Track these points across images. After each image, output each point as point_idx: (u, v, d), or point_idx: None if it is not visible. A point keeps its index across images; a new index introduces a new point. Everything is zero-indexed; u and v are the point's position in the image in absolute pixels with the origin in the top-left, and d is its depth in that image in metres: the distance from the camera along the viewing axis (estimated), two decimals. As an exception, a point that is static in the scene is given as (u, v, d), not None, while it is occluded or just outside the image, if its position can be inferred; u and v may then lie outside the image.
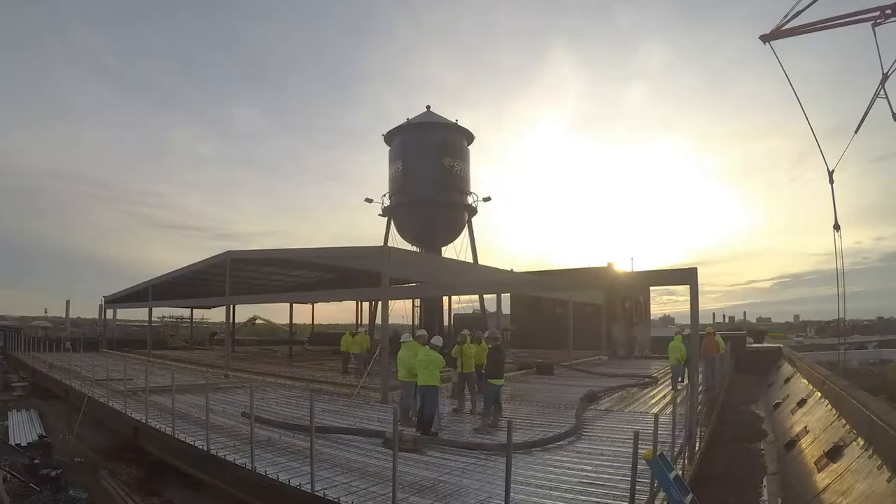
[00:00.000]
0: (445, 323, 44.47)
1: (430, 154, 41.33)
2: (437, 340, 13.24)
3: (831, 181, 47.29)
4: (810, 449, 11.42)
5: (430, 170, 41.09)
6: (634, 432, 6.03)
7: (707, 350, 18.36)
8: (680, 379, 19.19)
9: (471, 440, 11.45)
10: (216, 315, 57.03)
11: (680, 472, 7.61)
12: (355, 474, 8.78)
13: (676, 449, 8.97)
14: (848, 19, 43.21)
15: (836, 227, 44.85)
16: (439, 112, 44.90)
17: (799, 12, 41.63)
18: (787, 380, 23.26)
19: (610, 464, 9.42)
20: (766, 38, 45.74)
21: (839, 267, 45.49)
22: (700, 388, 14.53)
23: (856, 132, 47.84)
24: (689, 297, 13.04)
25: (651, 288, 50.68)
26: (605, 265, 49.40)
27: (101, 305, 46.14)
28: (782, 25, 45.33)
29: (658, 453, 6.38)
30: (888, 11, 41.82)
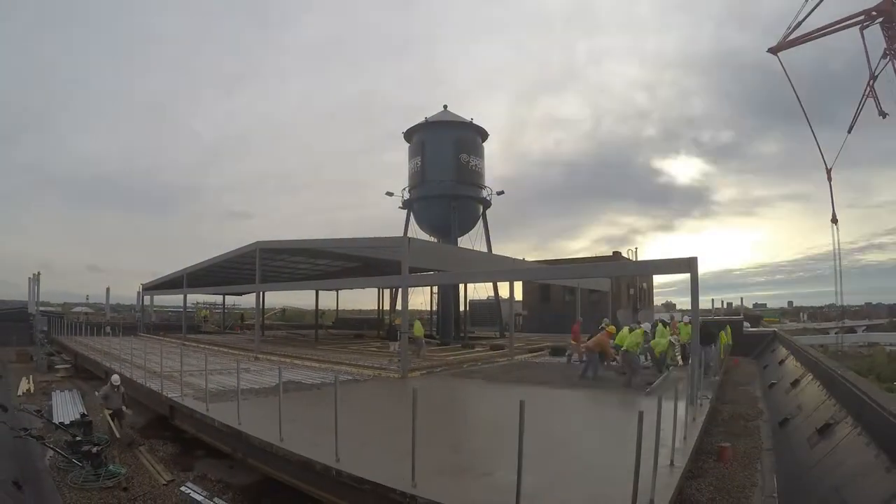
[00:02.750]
0: (461, 309, 44.50)
1: (446, 150, 41.33)
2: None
3: (829, 178, 47.10)
4: (803, 427, 11.34)
5: (447, 165, 41.10)
6: (639, 412, 5.82)
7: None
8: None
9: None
10: (247, 301, 57.36)
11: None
12: (376, 449, 8.73)
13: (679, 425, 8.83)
14: (838, 25, 43.04)
15: (834, 220, 44.56)
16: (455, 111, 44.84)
17: (800, 22, 41.33)
18: (782, 362, 23.11)
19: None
20: (773, 51, 45.50)
21: (836, 256, 45.23)
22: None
23: (849, 132, 47.71)
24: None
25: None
26: (611, 254, 49.45)
27: (139, 292, 46.47)
28: (787, 36, 45.11)
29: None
30: (874, 13, 41.66)
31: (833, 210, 43.99)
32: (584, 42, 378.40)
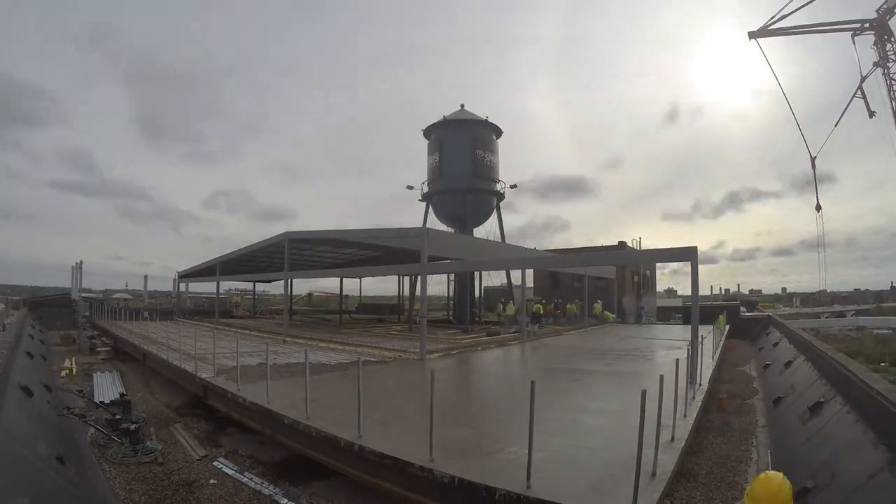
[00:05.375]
0: (477, 295, 44.45)
1: (463, 147, 41.29)
2: None
3: (813, 167, 46.55)
4: (796, 405, 11.38)
5: (464, 160, 41.11)
6: (642, 391, 5.81)
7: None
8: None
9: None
10: (276, 288, 57.53)
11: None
12: (396, 426, 8.67)
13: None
14: (832, 27, 42.40)
15: (818, 208, 44.19)
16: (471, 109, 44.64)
17: (785, 15, 40.61)
18: (776, 344, 23.18)
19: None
20: (753, 35, 44.61)
21: (821, 242, 44.76)
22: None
23: (836, 125, 47.21)
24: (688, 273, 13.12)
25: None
26: (616, 244, 49.18)
27: (175, 279, 46.72)
28: (769, 25, 44.26)
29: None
30: (867, 25, 41.12)
31: (817, 198, 43.56)
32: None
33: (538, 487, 5.94)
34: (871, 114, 44.42)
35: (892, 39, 40.81)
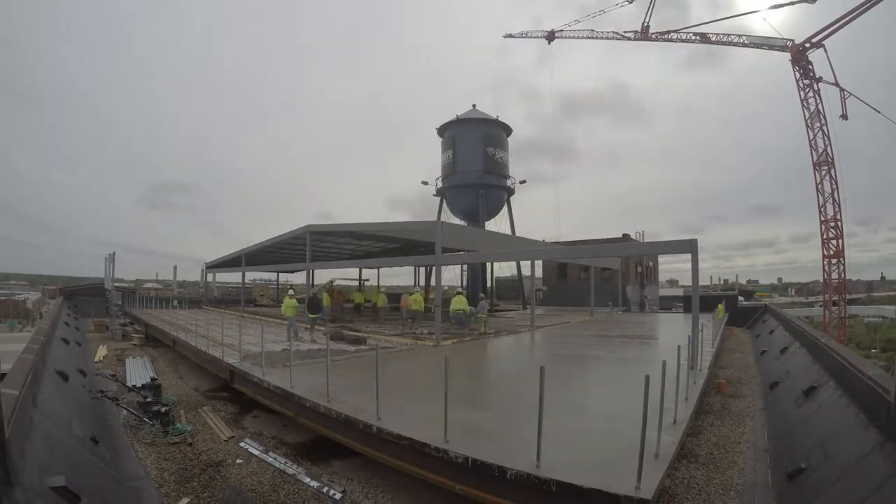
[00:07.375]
0: (489, 285, 44.58)
1: (475, 144, 41.41)
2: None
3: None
4: (791, 389, 11.46)
5: (476, 157, 41.28)
6: (646, 376, 5.79)
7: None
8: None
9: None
10: (298, 278, 57.80)
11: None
12: (412, 409, 8.62)
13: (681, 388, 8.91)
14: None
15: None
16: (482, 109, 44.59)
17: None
18: (772, 332, 23.30)
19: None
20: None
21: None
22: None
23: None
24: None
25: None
26: (620, 236, 49.10)
27: (202, 270, 46.96)
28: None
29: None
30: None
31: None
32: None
33: (547, 467, 5.92)
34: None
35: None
